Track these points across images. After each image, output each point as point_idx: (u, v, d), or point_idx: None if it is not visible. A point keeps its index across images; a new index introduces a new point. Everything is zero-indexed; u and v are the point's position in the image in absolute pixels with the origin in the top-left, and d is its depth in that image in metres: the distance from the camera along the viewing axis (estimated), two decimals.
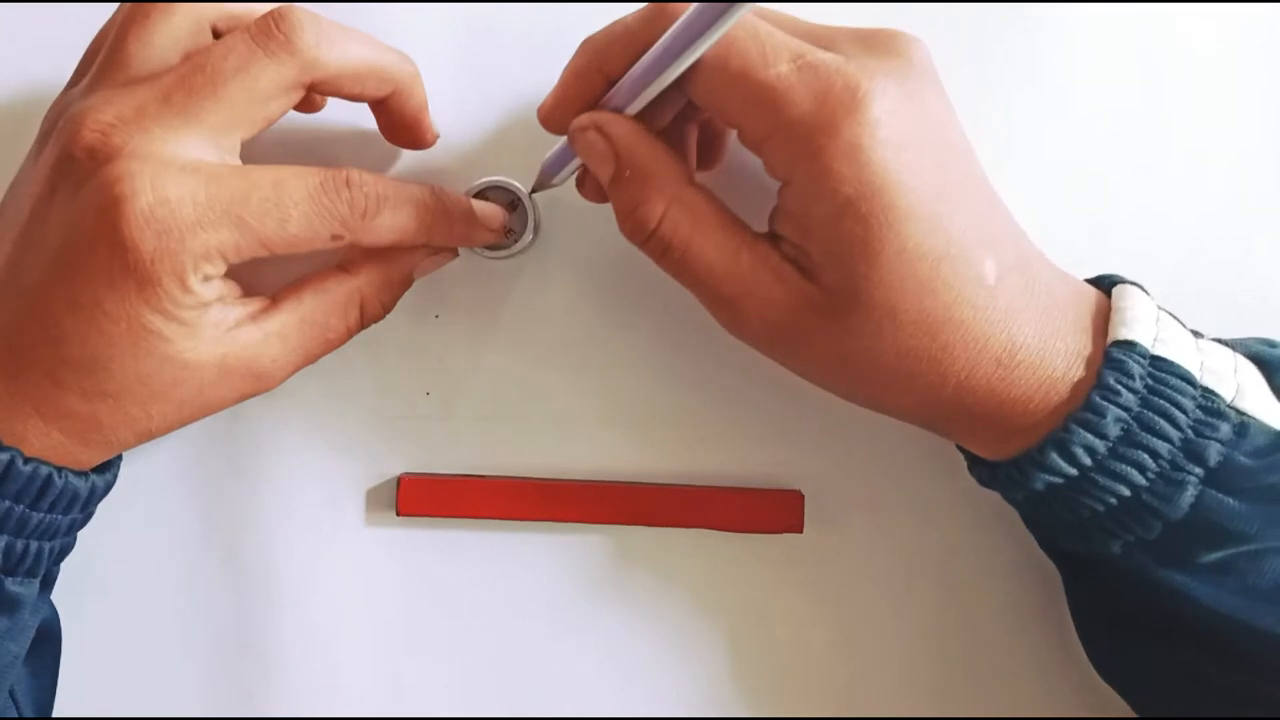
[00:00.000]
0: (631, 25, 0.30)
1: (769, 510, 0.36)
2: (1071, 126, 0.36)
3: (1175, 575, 0.29)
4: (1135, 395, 0.29)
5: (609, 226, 0.31)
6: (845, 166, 0.28)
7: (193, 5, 0.31)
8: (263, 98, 0.29)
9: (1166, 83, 0.36)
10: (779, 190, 0.29)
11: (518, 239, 0.35)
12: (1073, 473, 0.29)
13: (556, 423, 0.37)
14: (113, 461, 0.32)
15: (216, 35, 0.32)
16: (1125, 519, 0.29)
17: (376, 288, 0.33)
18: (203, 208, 0.28)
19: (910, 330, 0.28)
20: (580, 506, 0.36)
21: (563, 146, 0.32)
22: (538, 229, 0.36)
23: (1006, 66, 0.36)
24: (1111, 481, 0.29)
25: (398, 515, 0.36)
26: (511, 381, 0.37)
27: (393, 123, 0.34)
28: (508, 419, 0.37)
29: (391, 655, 0.37)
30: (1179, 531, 0.29)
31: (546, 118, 0.32)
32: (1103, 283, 0.32)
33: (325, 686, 0.37)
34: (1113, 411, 0.28)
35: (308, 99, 0.31)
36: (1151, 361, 0.29)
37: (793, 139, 0.28)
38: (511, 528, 0.37)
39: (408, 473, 0.37)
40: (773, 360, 0.31)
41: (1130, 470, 0.29)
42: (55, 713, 0.35)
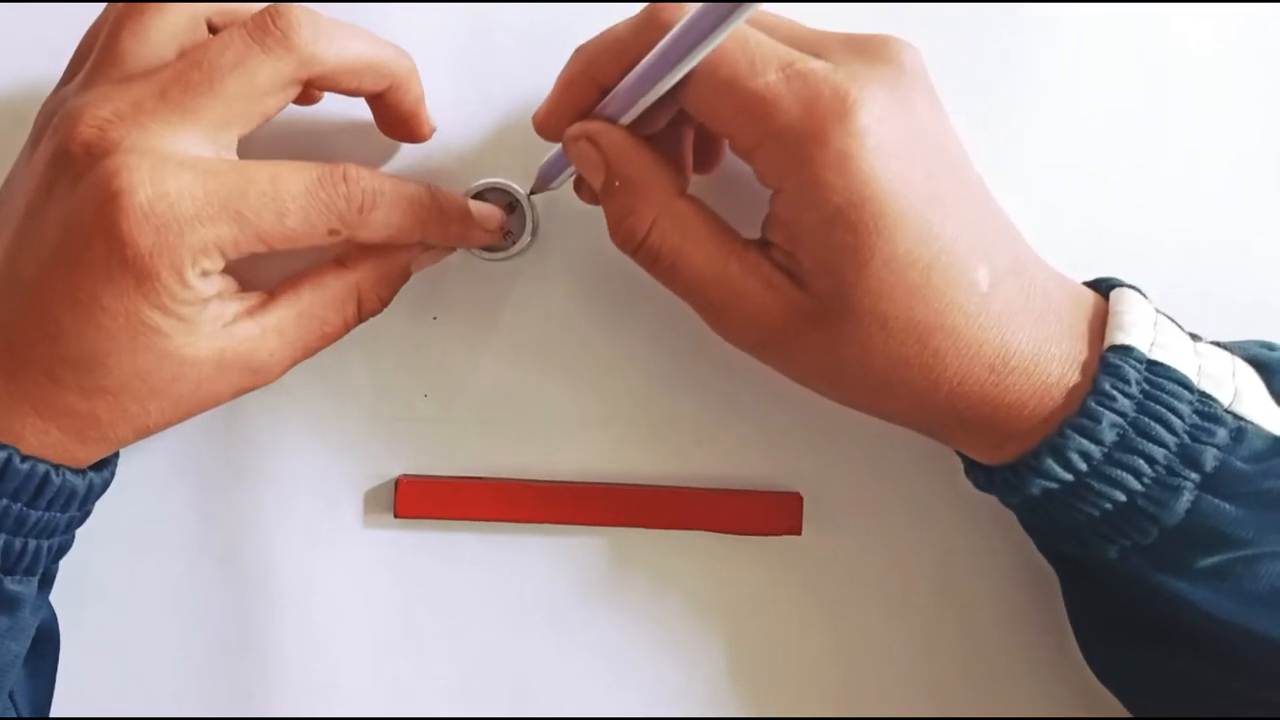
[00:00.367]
0: (622, 34, 0.30)
1: (768, 512, 0.36)
2: (1069, 128, 0.36)
3: (1172, 580, 0.29)
4: (1131, 401, 0.28)
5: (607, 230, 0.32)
6: (834, 175, 0.27)
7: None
8: (260, 94, 0.29)
9: (1164, 84, 0.36)
10: (770, 198, 0.29)
11: (516, 241, 0.35)
12: (1068, 478, 0.29)
13: (555, 425, 0.37)
14: (110, 459, 0.32)
15: (212, 30, 0.32)
16: (1121, 524, 0.29)
17: (374, 282, 0.33)
18: (201, 203, 0.28)
19: (901, 337, 0.28)
20: (579, 508, 0.36)
21: (559, 151, 0.32)
22: (536, 231, 0.36)
23: (1003, 68, 0.36)
24: (1107, 487, 0.29)
25: (396, 517, 0.36)
26: (510, 383, 0.37)
27: (389, 116, 0.34)
28: (506, 421, 0.37)
29: (389, 656, 0.37)
30: (1175, 537, 0.29)
31: (541, 125, 0.32)
32: (1101, 286, 0.31)
33: (323, 687, 0.37)
34: (1108, 417, 0.28)
35: (305, 93, 0.31)
36: (1148, 366, 0.29)
37: (782, 148, 0.28)
38: (510, 529, 0.37)
39: (406, 474, 0.37)
40: (766, 365, 0.31)
41: (1126, 476, 0.28)
42: (53, 714, 0.35)
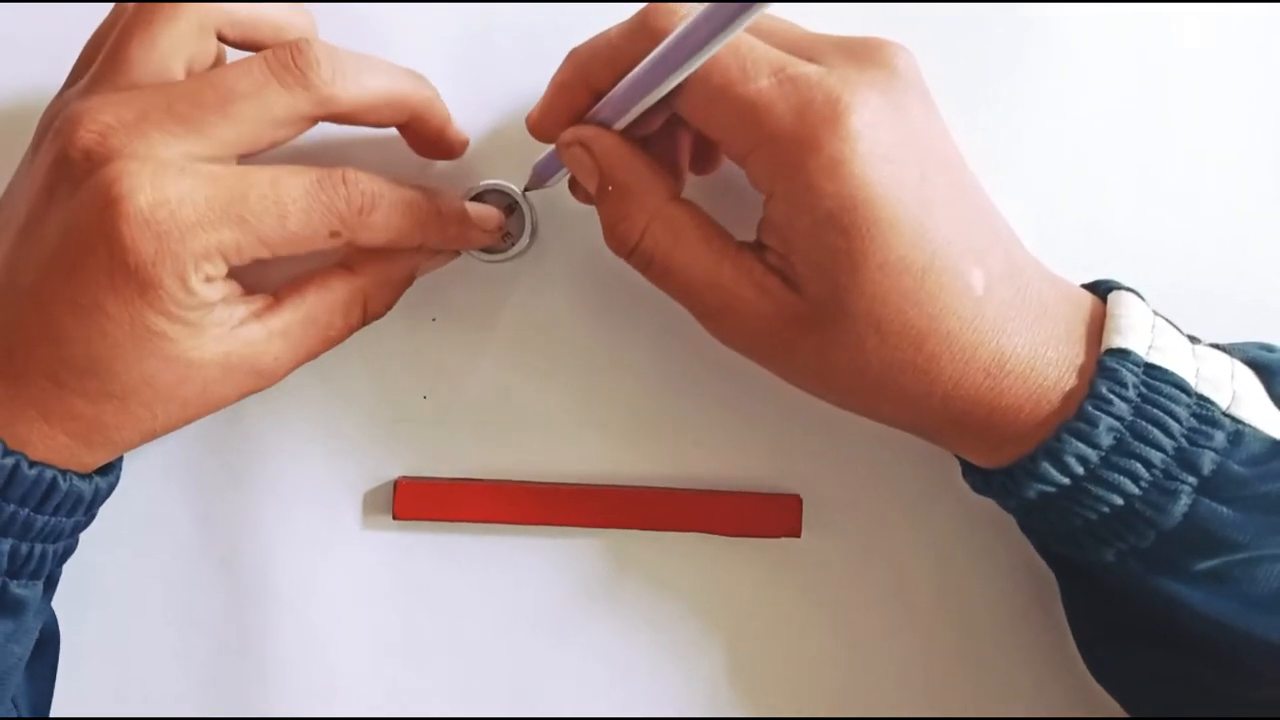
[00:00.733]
0: (615, 39, 0.30)
1: (767, 514, 0.36)
2: (1069, 128, 0.36)
3: (1170, 583, 0.29)
4: (1128, 404, 0.28)
5: None
6: (826, 180, 0.27)
7: (197, 7, 0.30)
8: (272, 124, 0.29)
9: (1164, 84, 0.36)
10: (764, 202, 0.29)
11: (515, 243, 0.35)
12: (1065, 482, 0.29)
13: (553, 426, 0.37)
14: (115, 463, 0.33)
15: (221, 39, 0.32)
16: (1119, 528, 0.29)
17: (379, 286, 0.33)
18: (202, 208, 0.28)
19: (894, 342, 0.28)
20: (578, 510, 0.36)
21: (553, 151, 0.32)
22: (535, 233, 0.36)
23: (1003, 68, 0.36)
24: (1104, 491, 0.29)
25: (394, 519, 0.36)
26: (508, 385, 0.37)
27: (416, 141, 0.34)
28: (505, 422, 0.37)
29: (388, 657, 0.37)
30: (1173, 540, 0.29)
31: (534, 128, 0.32)
32: (1099, 288, 0.31)
33: (322, 688, 0.37)
34: (1105, 421, 0.28)
35: None
36: (1145, 369, 0.29)
37: (774, 153, 0.28)
38: (508, 531, 0.37)
39: (404, 476, 0.37)
40: (763, 368, 0.31)
41: (1123, 479, 0.28)
42: (53, 714, 0.35)
